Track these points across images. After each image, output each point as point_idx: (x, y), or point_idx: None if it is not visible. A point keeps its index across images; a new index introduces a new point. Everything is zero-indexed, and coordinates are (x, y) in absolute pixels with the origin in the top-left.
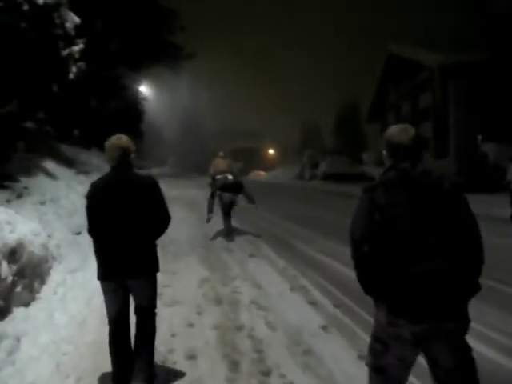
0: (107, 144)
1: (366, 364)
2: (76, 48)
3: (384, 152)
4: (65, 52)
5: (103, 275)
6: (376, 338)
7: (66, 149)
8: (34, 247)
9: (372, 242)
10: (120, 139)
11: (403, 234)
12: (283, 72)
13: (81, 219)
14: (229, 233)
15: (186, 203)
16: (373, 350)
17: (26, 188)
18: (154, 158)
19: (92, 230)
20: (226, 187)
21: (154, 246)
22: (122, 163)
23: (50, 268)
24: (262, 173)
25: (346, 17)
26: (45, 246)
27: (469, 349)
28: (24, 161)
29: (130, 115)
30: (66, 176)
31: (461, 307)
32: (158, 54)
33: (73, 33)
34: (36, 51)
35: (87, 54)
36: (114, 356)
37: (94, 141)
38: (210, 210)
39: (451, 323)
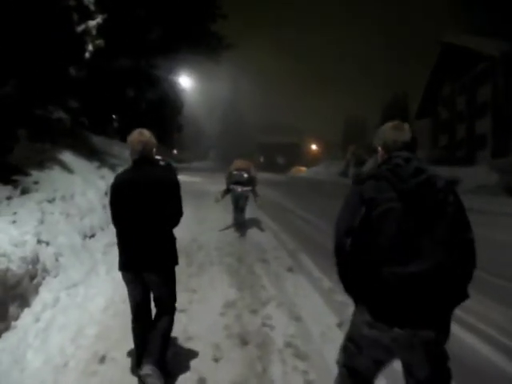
0: (129, 138)
1: (337, 362)
2: (93, 22)
3: (379, 148)
4: (80, 28)
5: (122, 266)
6: (351, 339)
7: (98, 141)
8: (12, 262)
9: (356, 237)
10: (142, 134)
11: (391, 231)
12: (328, 65)
13: (97, 219)
14: (239, 225)
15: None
16: (347, 350)
17: (35, 183)
18: (196, 152)
19: (114, 222)
20: (239, 183)
21: (172, 240)
22: (143, 158)
23: (39, 285)
24: (304, 168)
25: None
26: (29, 260)
27: (446, 358)
28: (37, 152)
29: (169, 107)
30: (86, 170)
31: (445, 316)
32: (198, 43)
33: (92, 7)
34: (43, 23)
35: (129, 42)
36: (136, 343)
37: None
38: (222, 195)
39: (433, 332)
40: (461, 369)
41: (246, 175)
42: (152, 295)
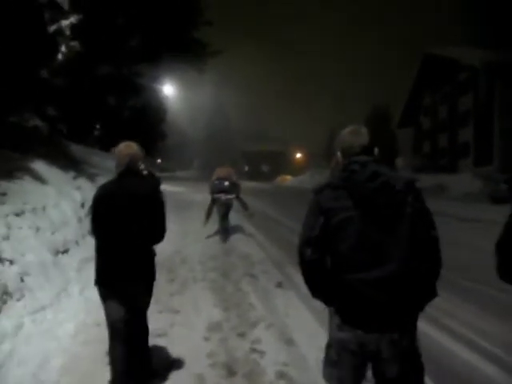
0: (116, 151)
1: (323, 377)
2: (66, 22)
3: (338, 153)
4: (52, 27)
5: (99, 280)
6: (329, 344)
7: (77, 149)
8: None
9: (317, 246)
10: (129, 147)
11: (350, 239)
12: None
13: (71, 233)
14: (224, 234)
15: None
16: (328, 360)
17: (3, 194)
18: (180, 161)
19: (95, 234)
20: (222, 191)
21: (152, 255)
22: (129, 171)
23: None
24: (289, 177)
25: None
26: None
27: (417, 355)
28: (7, 161)
29: (152, 115)
30: (60, 180)
31: (412, 316)
32: (181, 51)
33: (65, 6)
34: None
35: (108, 49)
36: (113, 361)
37: (113, 141)
38: (208, 216)
39: (398, 333)
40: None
41: (226, 183)
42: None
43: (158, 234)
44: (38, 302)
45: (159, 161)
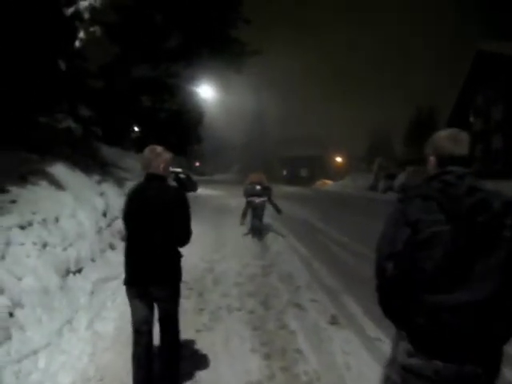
0: (143, 154)
1: None
2: (84, 3)
3: (430, 157)
4: (69, 10)
5: (127, 281)
6: (391, 366)
7: (110, 152)
8: None
9: (400, 261)
10: (155, 150)
11: (437, 257)
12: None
13: (86, 249)
14: (255, 232)
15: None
16: (387, 382)
17: (12, 202)
18: (219, 164)
19: (126, 236)
20: (254, 194)
21: (178, 257)
22: (154, 174)
23: None
24: (329, 182)
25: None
26: None
27: None
28: (23, 164)
29: (189, 117)
30: (81, 185)
31: (495, 351)
32: (219, 50)
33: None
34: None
35: (145, 49)
36: (136, 367)
37: (149, 144)
38: (244, 216)
39: (480, 368)
40: None
41: (258, 187)
42: (157, 314)
43: (183, 237)
44: (29, 344)
45: (197, 164)
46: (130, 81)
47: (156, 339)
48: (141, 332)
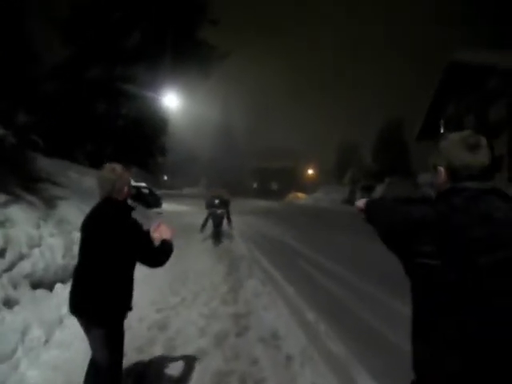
0: (98, 175)
1: None
2: None
3: (440, 168)
4: None
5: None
6: None
7: (47, 164)
8: None
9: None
10: (115, 170)
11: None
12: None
13: None
14: (216, 239)
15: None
16: None
17: None
18: (187, 178)
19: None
20: (214, 206)
21: (118, 290)
22: (109, 197)
23: None
24: (302, 195)
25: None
26: None
27: None
28: None
29: (150, 126)
30: None
31: None
32: (185, 53)
33: None
34: None
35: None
36: None
37: (103, 156)
38: (204, 226)
39: None
40: None
41: (217, 201)
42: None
43: (151, 262)
44: None
45: (165, 178)
46: (82, 84)
47: None
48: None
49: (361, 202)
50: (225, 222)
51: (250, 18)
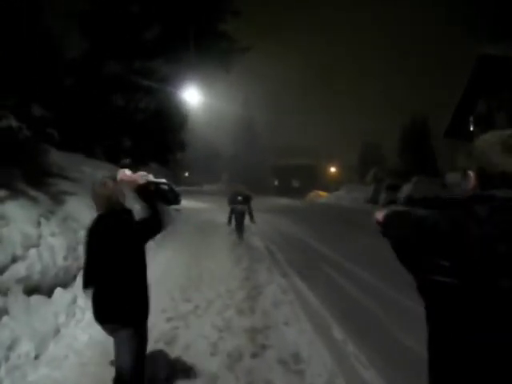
0: (91, 192)
1: None
2: None
3: (470, 174)
4: None
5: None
6: None
7: (61, 158)
8: None
9: None
10: (103, 187)
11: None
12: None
13: None
14: (239, 237)
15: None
16: None
17: None
18: (208, 174)
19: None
20: (236, 202)
21: (139, 290)
22: (105, 211)
23: None
24: (323, 193)
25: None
26: None
27: None
28: None
29: (170, 120)
30: None
31: None
32: (204, 46)
33: None
34: None
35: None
36: None
37: (121, 151)
38: (229, 221)
39: None
40: None
41: (239, 197)
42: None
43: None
44: None
45: (187, 174)
46: (100, 78)
47: None
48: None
49: (380, 215)
50: (247, 218)
51: (272, 11)
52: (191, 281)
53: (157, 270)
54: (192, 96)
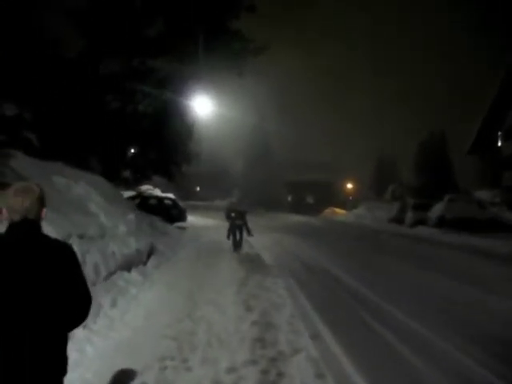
0: (6, 193)
1: None
2: None
3: None
4: None
5: None
6: None
7: (30, 166)
8: None
9: None
10: (27, 188)
11: None
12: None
13: None
14: (235, 247)
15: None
16: None
17: None
18: (221, 189)
19: None
20: (230, 218)
21: (63, 343)
22: (26, 221)
23: None
24: (339, 210)
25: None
26: None
27: None
28: None
29: (173, 128)
30: None
31: None
32: (214, 45)
33: None
34: None
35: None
36: None
37: (117, 161)
38: (228, 236)
39: None
40: None
41: (233, 214)
42: None
43: (78, 309)
44: None
45: (198, 189)
46: (97, 76)
47: None
48: None
49: None
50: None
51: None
52: (178, 342)
53: (134, 319)
54: (200, 102)
